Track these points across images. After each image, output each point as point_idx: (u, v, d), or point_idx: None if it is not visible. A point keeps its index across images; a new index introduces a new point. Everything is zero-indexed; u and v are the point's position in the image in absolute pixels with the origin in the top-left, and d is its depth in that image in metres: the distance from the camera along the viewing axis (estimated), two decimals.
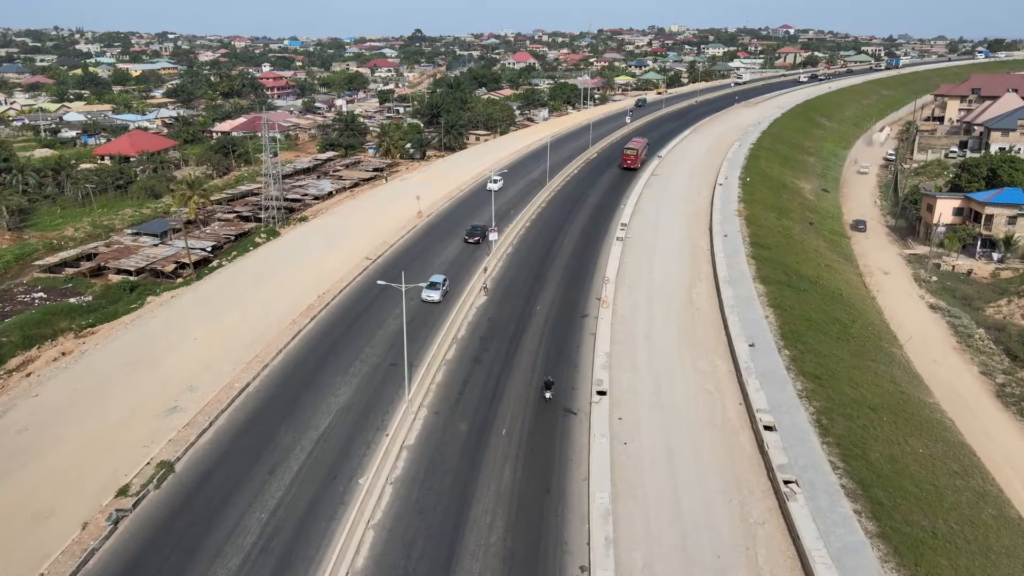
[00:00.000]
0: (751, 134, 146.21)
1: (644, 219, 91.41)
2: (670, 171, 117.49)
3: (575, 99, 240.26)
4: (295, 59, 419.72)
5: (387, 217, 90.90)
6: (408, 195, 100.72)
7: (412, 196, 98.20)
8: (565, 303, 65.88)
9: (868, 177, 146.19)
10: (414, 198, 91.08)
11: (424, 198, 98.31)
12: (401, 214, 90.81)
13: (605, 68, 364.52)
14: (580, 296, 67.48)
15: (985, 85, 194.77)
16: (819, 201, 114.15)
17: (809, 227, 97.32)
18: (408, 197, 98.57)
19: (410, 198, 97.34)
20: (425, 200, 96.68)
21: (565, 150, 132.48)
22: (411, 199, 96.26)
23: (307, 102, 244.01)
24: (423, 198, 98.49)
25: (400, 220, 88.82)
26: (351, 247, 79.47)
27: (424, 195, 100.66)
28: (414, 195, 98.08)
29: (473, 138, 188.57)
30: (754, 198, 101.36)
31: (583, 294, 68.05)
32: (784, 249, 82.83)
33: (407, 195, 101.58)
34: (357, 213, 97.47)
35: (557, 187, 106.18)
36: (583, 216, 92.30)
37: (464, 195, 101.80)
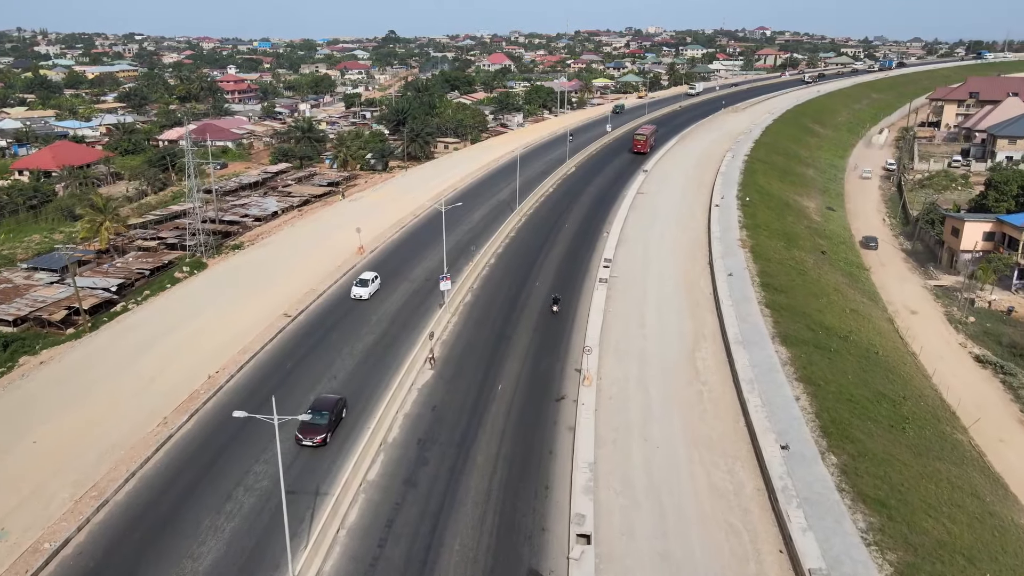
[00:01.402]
0: (743, 144, 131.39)
1: (631, 252, 76.02)
2: (658, 188, 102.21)
3: (551, 103, 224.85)
4: (263, 61, 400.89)
5: (325, 250, 74.81)
6: (358, 218, 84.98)
7: (361, 220, 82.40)
8: (535, 379, 50.18)
9: (872, 190, 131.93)
10: (356, 229, 74.80)
11: (373, 225, 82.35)
12: (342, 247, 74.76)
13: (583, 70, 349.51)
14: (555, 367, 51.81)
15: (983, 89, 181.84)
16: (827, 223, 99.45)
17: (822, 257, 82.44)
18: (358, 221, 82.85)
19: (358, 223, 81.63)
20: (372, 229, 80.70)
21: (539, 163, 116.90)
22: (360, 222, 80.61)
23: (267, 107, 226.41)
24: (372, 224, 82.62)
25: (338, 256, 72.74)
26: (272, 295, 63.30)
27: (374, 220, 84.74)
28: (364, 219, 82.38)
29: (441, 146, 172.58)
30: (757, 222, 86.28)
31: (558, 363, 52.40)
32: (801, 291, 67.70)
33: (355, 220, 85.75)
34: (294, 243, 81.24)
35: (529, 210, 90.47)
36: (559, 248, 76.66)
37: (418, 222, 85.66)
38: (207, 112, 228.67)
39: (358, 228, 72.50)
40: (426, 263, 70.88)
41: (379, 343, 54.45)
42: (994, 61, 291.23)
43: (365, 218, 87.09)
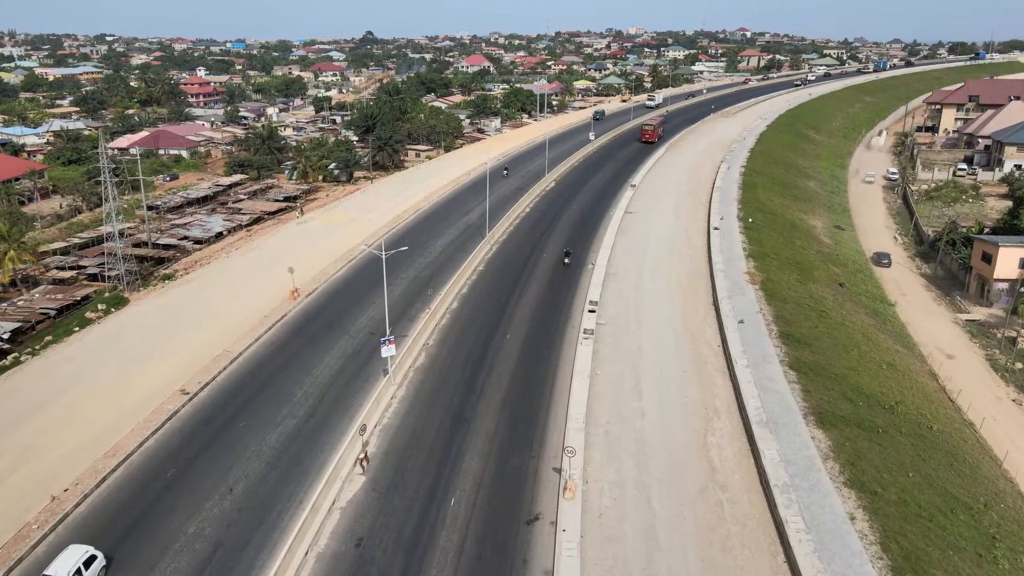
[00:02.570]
0: (738, 153, 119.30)
1: (621, 291, 63.42)
2: (648, 206, 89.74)
3: (531, 106, 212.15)
4: (235, 63, 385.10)
5: (254, 292, 61.59)
6: (304, 246, 72.14)
7: (306, 250, 69.53)
8: (502, 487, 37.38)
9: (877, 202, 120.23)
10: (289, 269, 61.33)
11: (317, 257, 69.23)
12: (277, 286, 61.50)
13: (563, 72, 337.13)
14: (527, 467, 39.04)
15: (983, 92, 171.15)
16: (838, 246, 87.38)
17: (841, 291, 70.26)
18: (302, 251, 70.04)
19: (301, 253, 68.80)
20: (316, 262, 67.57)
21: (516, 178, 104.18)
22: (305, 252, 67.81)
23: (229, 111, 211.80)
24: (317, 255, 69.55)
25: (269, 298, 59.54)
26: (178, 357, 50.09)
27: (321, 250, 71.61)
28: (310, 248, 69.51)
29: (413, 155, 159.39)
30: (764, 249, 73.98)
31: (532, 460, 39.64)
32: (827, 342, 55.33)
33: (301, 247, 72.88)
34: (227, 277, 67.91)
35: (502, 236, 77.59)
36: (535, 287, 63.80)
37: (370, 255, 72.41)
38: (168, 116, 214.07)
39: (291, 268, 59.18)
40: (373, 310, 57.80)
41: (300, 432, 41.38)
42: (985, 63, 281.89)
43: (311, 246, 73.94)
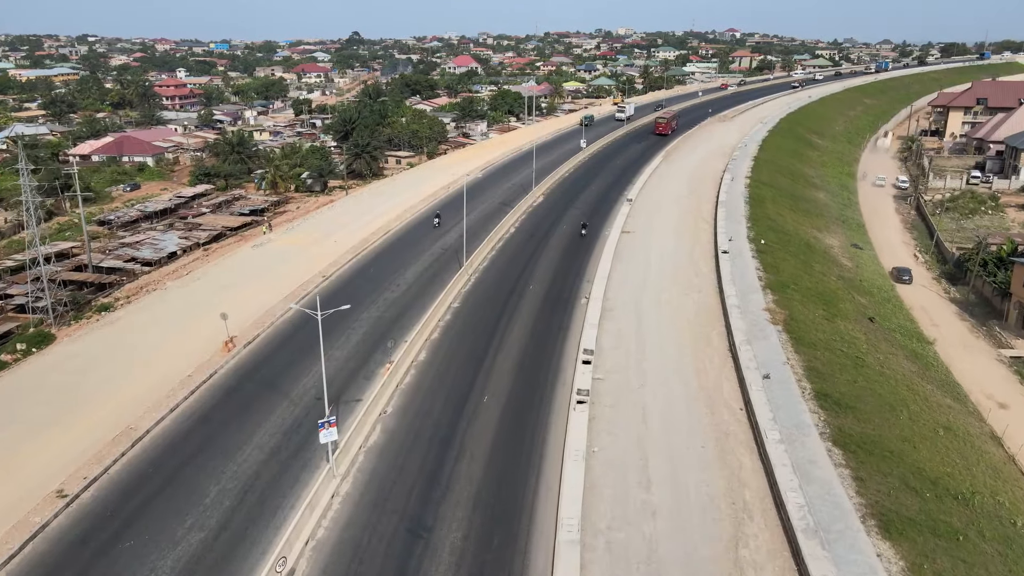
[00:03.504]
0: (740, 162, 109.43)
1: (620, 333, 53.33)
2: (647, 225, 79.70)
3: (519, 109, 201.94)
4: (217, 64, 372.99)
5: (188, 336, 51.10)
6: (256, 275, 61.82)
7: (252, 284, 59.16)
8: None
9: (890, 213, 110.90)
10: (222, 316, 50.56)
11: (264, 293, 58.73)
12: (215, 328, 50.95)
13: (553, 73, 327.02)
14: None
15: (991, 94, 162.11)
16: (859, 268, 77.56)
17: (873, 327, 60.39)
18: (252, 281, 59.77)
19: (255, 282, 58.55)
20: (262, 299, 57.06)
21: (500, 190, 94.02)
22: (254, 285, 57.50)
23: (203, 115, 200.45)
24: (264, 291, 59.10)
25: (201, 347, 49.07)
26: (78, 427, 39.69)
27: (269, 283, 61.11)
28: (258, 280, 59.17)
29: (394, 161, 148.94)
30: (782, 278, 64.04)
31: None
32: (871, 402, 45.37)
33: (251, 276, 62.57)
34: (158, 315, 57.24)
35: (482, 263, 67.27)
36: (519, 332, 53.36)
37: (328, 287, 61.68)
38: (139, 120, 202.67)
39: (224, 314, 48.66)
40: (325, 364, 47.38)
41: (204, 556, 30.97)
42: (985, 64, 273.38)
43: (261, 277, 63.45)
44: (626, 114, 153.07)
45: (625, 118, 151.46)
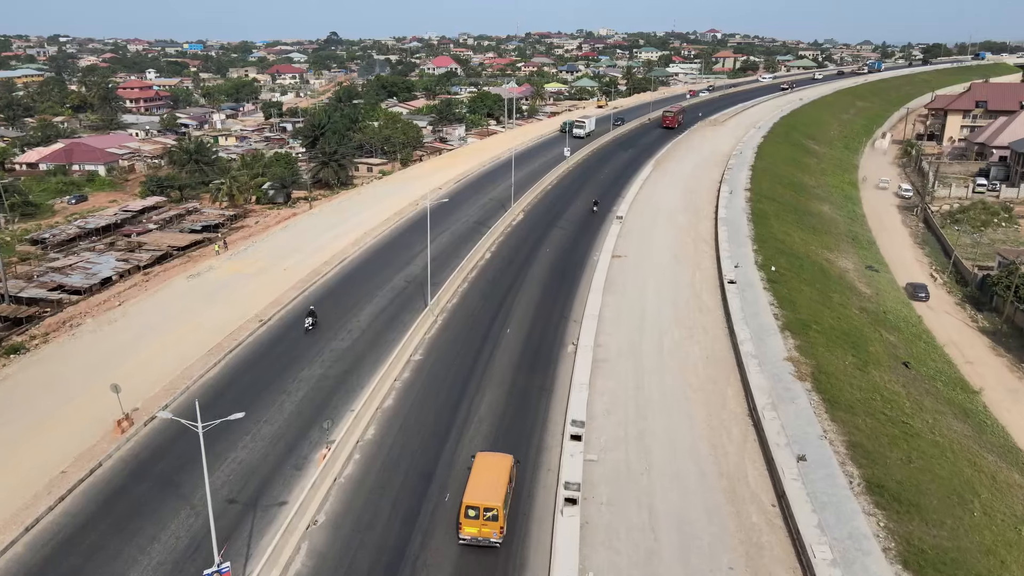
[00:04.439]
0: (737, 172, 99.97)
1: (615, 394, 43.44)
2: (640, 247, 69.89)
3: (499, 111, 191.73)
4: (190, 64, 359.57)
5: (81, 405, 40.56)
6: (186, 314, 51.58)
7: (193, 313, 48.92)
8: None
9: (897, 225, 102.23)
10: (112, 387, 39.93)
11: (192, 341, 48.27)
12: (111, 397, 40.52)
13: (534, 74, 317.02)
14: None
15: (991, 97, 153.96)
16: (879, 296, 68.22)
17: (908, 373, 50.98)
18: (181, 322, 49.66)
19: (178, 326, 48.26)
20: (185, 349, 46.59)
21: (474, 207, 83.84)
22: (176, 331, 47.24)
23: (166, 119, 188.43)
24: (192, 338, 48.65)
25: (94, 422, 38.58)
26: None
27: (198, 325, 50.62)
28: (188, 321, 48.94)
29: (365, 169, 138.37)
30: (800, 316, 54.46)
31: None
32: (935, 493, 35.82)
33: (178, 318, 52.17)
34: (54, 372, 46.55)
35: (450, 301, 56.95)
36: (492, 398, 43.06)
37: (263, 337, 51.12)
38: (97, 124, 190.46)
39: (116, 385, 38.18)
40: (243, 451, 37.09)
41: None
42: (974, 65, 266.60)
43: (188, 320, 52.86)
44: (585, 130, 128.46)
45: (584, 134, 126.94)
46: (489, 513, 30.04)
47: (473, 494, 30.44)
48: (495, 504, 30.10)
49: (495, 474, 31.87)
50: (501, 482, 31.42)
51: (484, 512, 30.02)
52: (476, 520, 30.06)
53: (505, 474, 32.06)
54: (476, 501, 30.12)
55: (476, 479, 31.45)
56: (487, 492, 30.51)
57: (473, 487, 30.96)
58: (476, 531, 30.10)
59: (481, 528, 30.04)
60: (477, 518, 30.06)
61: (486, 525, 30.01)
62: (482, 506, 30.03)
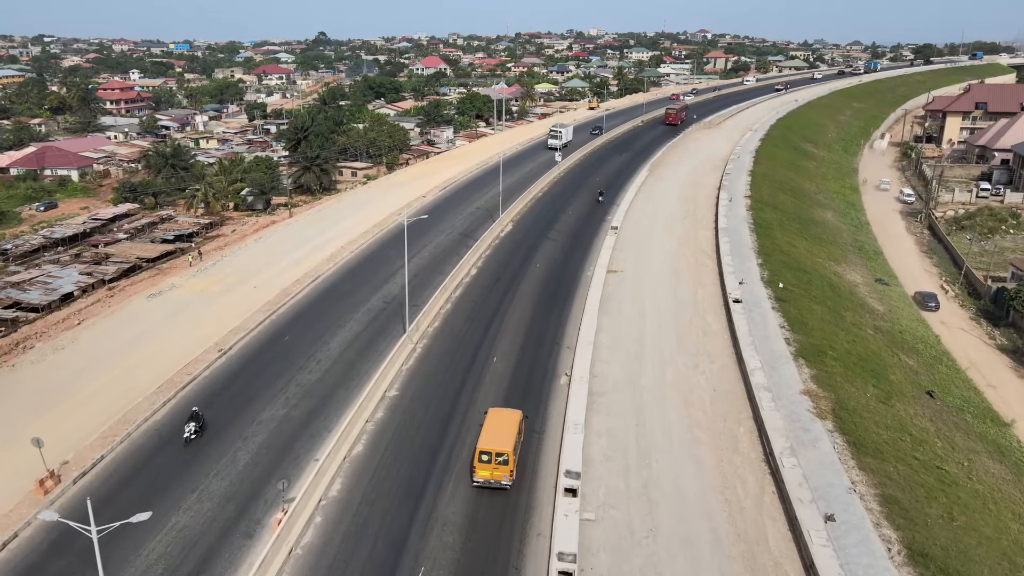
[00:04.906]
0: (736, 178, 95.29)
1: (614, 436, 38.54)
2: (637, 261, 65.02)
3: (488, 113, 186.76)
4: (175, 65, 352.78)
5: (5, 458, 35.33)
6: (138, 344, 46.47)
7: (147, 341, 43.75)
8: None
9: (902, 233, 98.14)
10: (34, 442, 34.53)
11: (143, 374, 43.08)
12: (55, 435, 35.23)
13: (524, 74, 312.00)
14: None
15: (991, 98, 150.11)
16: (893, 313, 63.56)
17: (936, 406, 46.31)
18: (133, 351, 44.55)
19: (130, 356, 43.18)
20: (133, 385, 41.35)
21: (460, 216, 78.77)
22: (125, 362, 42.13)
23: (146, 121, 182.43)
24: (144, 370, 43.46)
25: (16, 482, 33.35)
26: None
27: (147, 363, 45.41)
28: (139, 350, 43.83)
29: (349, 173, 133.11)
30: (814, 340, 49.71)
31: None
32: (983, 556, 31.14)
33: (130, 346, 46.99)
34: None
35: (431, 325, 51.82)
36: (475, 443, 38.20)
37: (224, 366, 46.05)
38: (74, 127, 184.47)
39: (37, 439, 32.95)
40: (187, 515, 31.88)
41: None
42: (966, 65, 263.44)
43: (137, 351, 47.59)
44: (561, 140, 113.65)
45: (560, 146, 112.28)
46: (500, 458, 33.06)
47: (486, 441, 33.53)
48: (506, 449, 33.13)
49: (506, 425, 35.03)
50: (511, 432, 34.42)
51: (496, 457, 32.97)
52: (489, 464, 33.03)
53: (515, 426, 35.21)
54: (489, 447, 33.12)
55: (488, 429, 34.62)
56: (499, 439, 33.66)
57: (486, 436, 33.99)
58: (488, 474, 33.18)
59: (493, 471, 33.15)
60: (490, 462, 33.05)
61: (497, 469, 33.07)
62: (494, 451, 33.03)
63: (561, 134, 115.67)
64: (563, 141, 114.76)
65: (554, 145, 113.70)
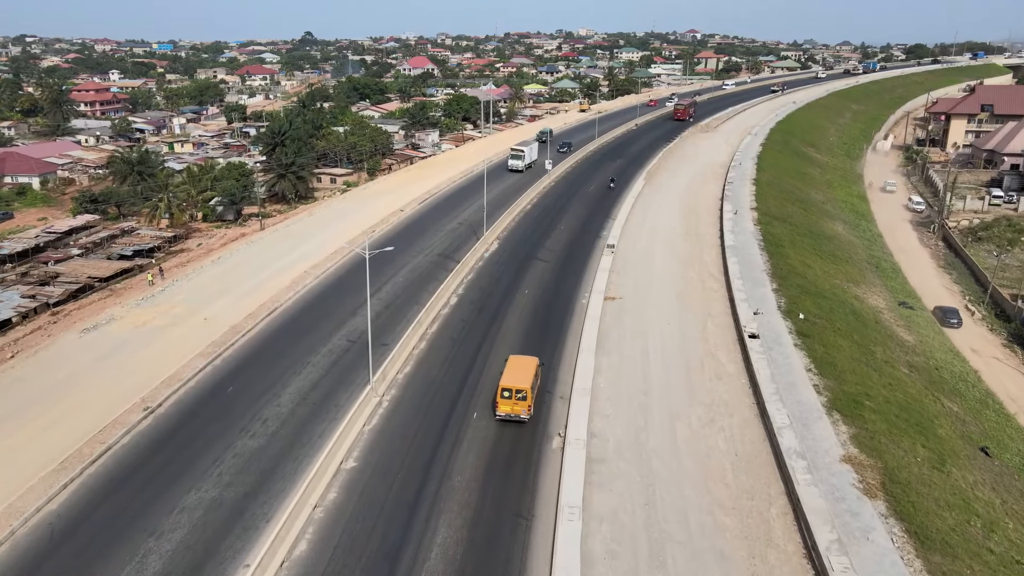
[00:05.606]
0: (740, 188, 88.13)
1: (616, 525, 31.14)
2: (637, 287, 57.68)
3: (475, 115, 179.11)
4: (157, 65, 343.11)
5: None
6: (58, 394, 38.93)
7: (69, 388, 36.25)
8: None
9: (915, 247, 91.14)
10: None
11: (61, 432, 35.43)
12: None
13: (513, 74, 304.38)
14: None
15: (998, 100, 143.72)
16: (926, 346, 56.30)
17: (992, 466, 39.17)
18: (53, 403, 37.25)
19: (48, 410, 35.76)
20: (24, 464, 33.69)
21: (441, 234, 71.13)
22: (40, 419, 34.77)
23: (119, 124, 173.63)
24: (64, 425, 35.83)
25: None
26: None
27: (75, 406, 37.82)
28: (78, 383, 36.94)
29: (328, 180, 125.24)
30: (847, 387, 42.47)
31: None
32: None
33: (47, 396, 39.46)
34: None
35: (402, 371, 44.20)
36: (447, 537, 30.52)
37: (148, 430, 38.49)
38: (44, 130, 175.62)
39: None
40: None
41: None
42: (962, 66, 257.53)
43: (53, 405, 39.82)
44: (524, 161, 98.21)
45: (523, 167, 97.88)
46: (520, 394, 37.50)
47: (507, 380, 37.92)
48: (525, 387, 37.61)
49: (525, 369, 39.30)
50: (529, 374, 38.74)
51: (516, 393, 37.43)
52: (510, 400, 37.48)
53: (533, 370, 39.40)
54: (510, 384, 37.63)
55: (509, 371, 38.85)
56: (519, 379, 38.02)
57: (507, 376, 38.29)
58: (510, 409, 37.65)
59: (513, 406, 37.60)
60: (510, 398, 37.48)
61: (517, 404, 37.54)
62: (515, 388, 37.51)
63: (523, 154, 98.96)
64: (526, 162, 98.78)
65: (515, 167, 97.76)
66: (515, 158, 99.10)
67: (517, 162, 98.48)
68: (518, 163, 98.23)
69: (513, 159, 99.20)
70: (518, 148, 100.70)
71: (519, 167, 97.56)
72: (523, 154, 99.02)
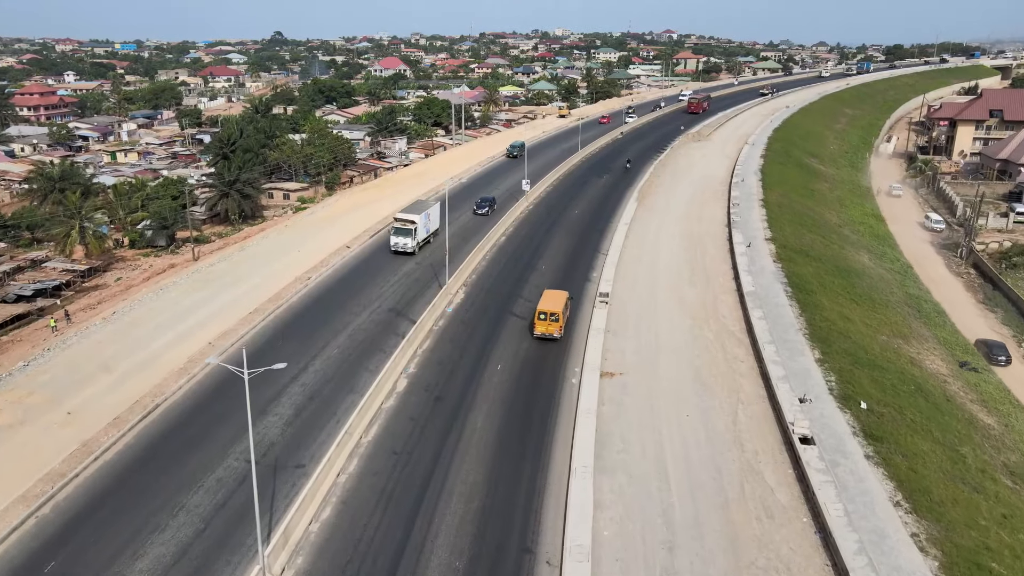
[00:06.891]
0: (747, 209, 75.20)
1: None
2: (640, 358, 44.34)
3: (447, 119, 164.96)
4: (118, 66, 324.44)
5: None
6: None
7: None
8: None
9: (943, 272, 78.94)
10: None
11: None
12: None
13: (488, 76, 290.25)
14: None
15: (1008, 106, 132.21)
16: (1014, 433, 43.67)
17: None
18: None
19: None
20: None
21: (392, 280, 57.18)
22: None
23: (57, 131, 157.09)
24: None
25: None
26: None
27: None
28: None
29: (281, 196, 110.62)
30: (958, 538, 29.52)
31: None
32: None
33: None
34: None
35: (324, 512, 30.52)
36: None
37: None
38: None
39: None
40: None
41: None
42: (951, 67, 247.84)
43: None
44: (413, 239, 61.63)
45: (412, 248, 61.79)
46: (553, 316, 45.06)
47: (543, 304, 45.70)
48: (557, 310, 45.16)
49: (556, 299, 46.77)
50: (560, 302, 46.25)
51: (550, 316, 44.95)
52: (544, 321, 45.07)
53: (563, 301, 46.75)
54: (545, 308, 45.30)
55: (544, 300, 46.49)
56: (552, 304, 45.66)
57: (542, 303, 45.96)
58: (544, 328, 45.13)
59: (547, 327, 45.08)
60: (545, 320, 45.06)
61: (551, 324, 45.01)
62: (549, 311, 45.06)
63: (414, 225, 61.86)
64: (417, 240, 61.93)
65: (401, 246, 61.58)
66: (401, 232, 61.89)
67: (403, 239, 61.63)
68: (406, 240, 61.58)
69: (396, 235, 62.04)
70: (405, 218, 62.86)
71: (408, 246, 61.57)
72: (412, 227, 61.86)
